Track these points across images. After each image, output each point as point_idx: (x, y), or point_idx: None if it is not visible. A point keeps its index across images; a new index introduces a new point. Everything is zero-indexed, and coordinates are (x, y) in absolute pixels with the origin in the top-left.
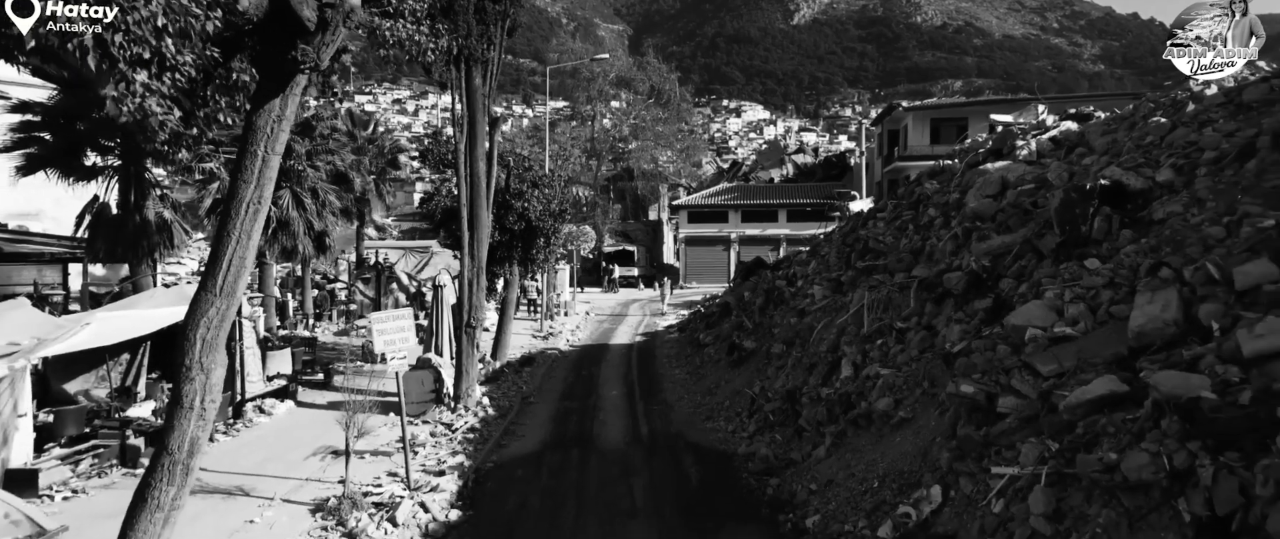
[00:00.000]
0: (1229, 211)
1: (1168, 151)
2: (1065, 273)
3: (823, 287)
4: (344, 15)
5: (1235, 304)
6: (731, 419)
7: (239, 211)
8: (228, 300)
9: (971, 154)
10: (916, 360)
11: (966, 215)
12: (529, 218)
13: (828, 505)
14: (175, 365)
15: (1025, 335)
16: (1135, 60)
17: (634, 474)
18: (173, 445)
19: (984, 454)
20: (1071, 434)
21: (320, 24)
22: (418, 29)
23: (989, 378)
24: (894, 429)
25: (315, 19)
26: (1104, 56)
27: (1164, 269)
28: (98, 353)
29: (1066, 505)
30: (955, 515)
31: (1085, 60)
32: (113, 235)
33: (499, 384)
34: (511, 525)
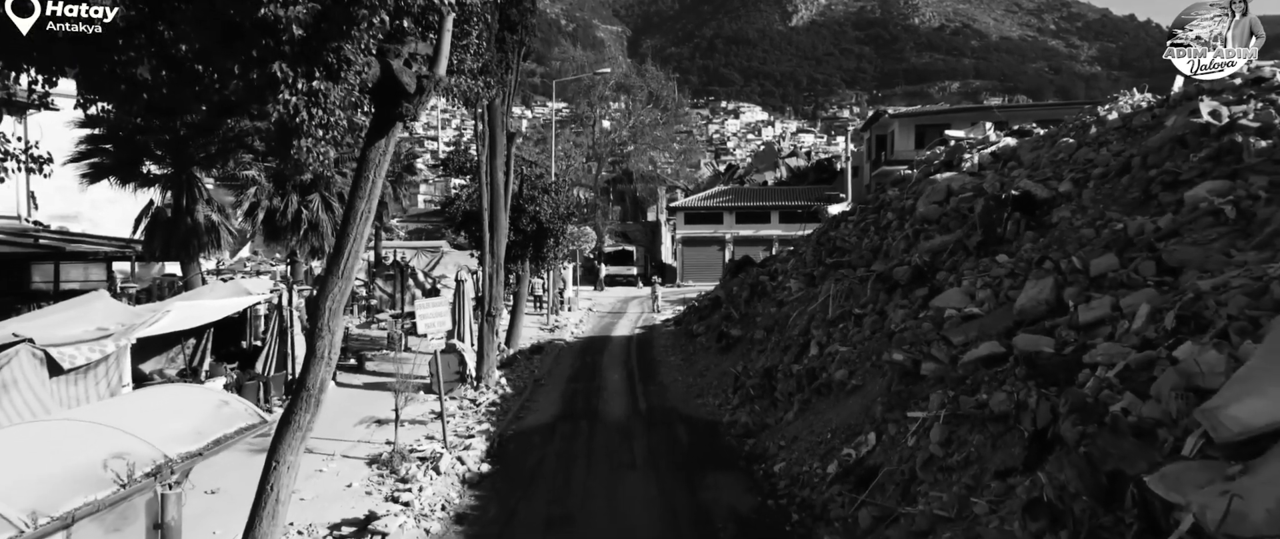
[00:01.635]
0: (1099, 217)
1: (1070, 167)
2: (980, 266)
3: (798, 280)
4: (433, 83)
5: (1089, 288)
6: (718, 396)
7: (354, 218)
8: (346, 282)
9: (927, 165)
10: (869, 339)
11: (917, 218)
12: (540, 220)
13: (792, 455)
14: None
15: (944, 314)
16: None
17: (633, 439)
18: (310, 384)
19: (907, 405)
20: (962, 385)
21: (417, 89)
22: (475, 82)
23: (916, 348)
24: (847, 394)
25: (413, 85)
26: (1101, 58)
27: (1047, 262)
28: (169, 337)
29: (955, 436)
30: (883, 451)
31: (1082, 62)
32: (167, 236)
33: (513, 368)
34: (533, 475)
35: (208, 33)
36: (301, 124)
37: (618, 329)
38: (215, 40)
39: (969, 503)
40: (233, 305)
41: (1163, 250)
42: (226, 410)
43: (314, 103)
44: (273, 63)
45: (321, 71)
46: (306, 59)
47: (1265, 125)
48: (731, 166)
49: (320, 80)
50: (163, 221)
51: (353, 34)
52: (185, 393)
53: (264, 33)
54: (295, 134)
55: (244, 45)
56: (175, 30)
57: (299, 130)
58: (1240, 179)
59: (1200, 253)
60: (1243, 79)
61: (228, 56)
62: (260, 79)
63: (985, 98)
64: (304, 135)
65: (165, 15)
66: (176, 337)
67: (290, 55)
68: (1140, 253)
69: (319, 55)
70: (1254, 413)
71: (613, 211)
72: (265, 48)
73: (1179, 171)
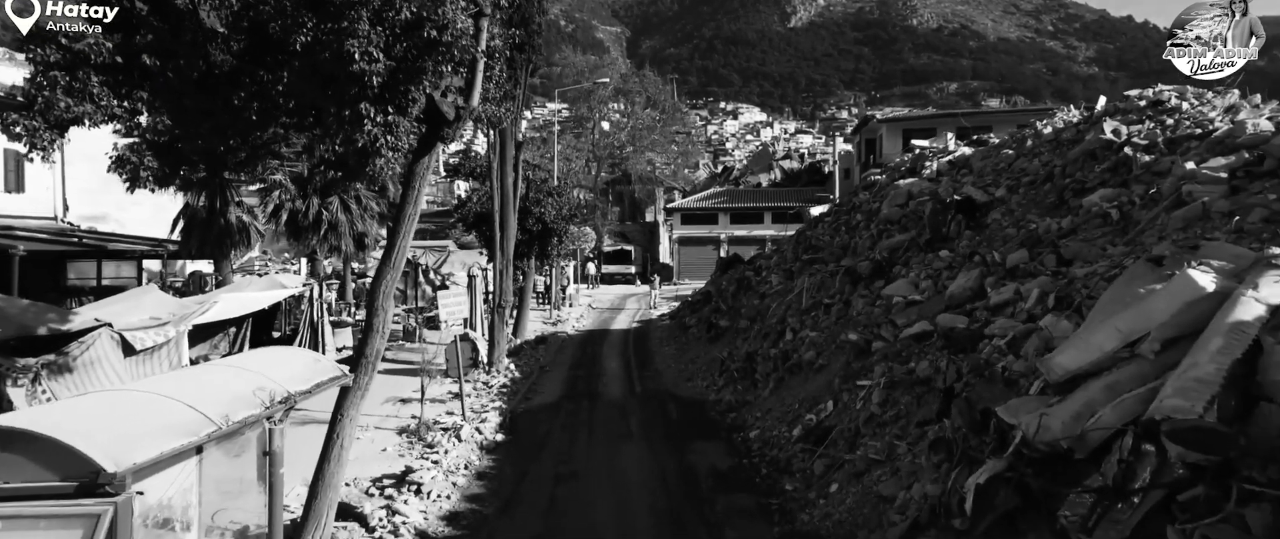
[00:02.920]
0: (1022, 219)
1: (1008, 175)
2: (926, 260)
3: (779, 275)
4: (468, 111)
5: (1005, 277)
6: (706, 378)
7: (403, 221)
8: (396, 271)
9: (894, 171)
10: (834, 325)
11: (881, 220)
12: (545, 221)
13: (765, 424)
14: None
15: (893, 301)
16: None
17: (630, 415)
18: (367, 352)
19: (858, 376)
20: (898, 357)
21: (456, 117)
22: (496, 109)
23: (868, 330)
24: (815, 372)
25: (452, 114)
26: (1098, 59)
27: (976, 256)
28: (214, 326)
29: (890, 398)
30: (837, 415)
31: (1080, 63)
32: (202, 235)
33: (520, 357)
34: (542, 443)
35: (311, 82)
36: (379, 148)
37: (616, 323)
38: (317, 87)
39: (895, 447)
40: (270, 297)
41: (1062, 246)
42: (318, 365)
43: (388, 131)
44: (360, 103)
45: (394, 109)
46: (383, 100)
47: (1151, 143)
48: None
49: (393, 115)
50: (198, 222)
51: (418, 81)
52: (289, 352)
53: (353, 82)
54: (376, 155)
55: (338, 91)
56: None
57: (377, 152)
58: (1125, 187)
59: (1088, 248)
60: (1146, 102)
61: (326, 99)
62: (351, 116)
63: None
64: (380, 156)
65: (267, 65)
66: (220, 325)
67: (372, 98)
68: (1046, 248)
69: (393, 96)
70: (1071, 359)
71: (612, 212)
72: (355, 93)
73: (1085, 181)
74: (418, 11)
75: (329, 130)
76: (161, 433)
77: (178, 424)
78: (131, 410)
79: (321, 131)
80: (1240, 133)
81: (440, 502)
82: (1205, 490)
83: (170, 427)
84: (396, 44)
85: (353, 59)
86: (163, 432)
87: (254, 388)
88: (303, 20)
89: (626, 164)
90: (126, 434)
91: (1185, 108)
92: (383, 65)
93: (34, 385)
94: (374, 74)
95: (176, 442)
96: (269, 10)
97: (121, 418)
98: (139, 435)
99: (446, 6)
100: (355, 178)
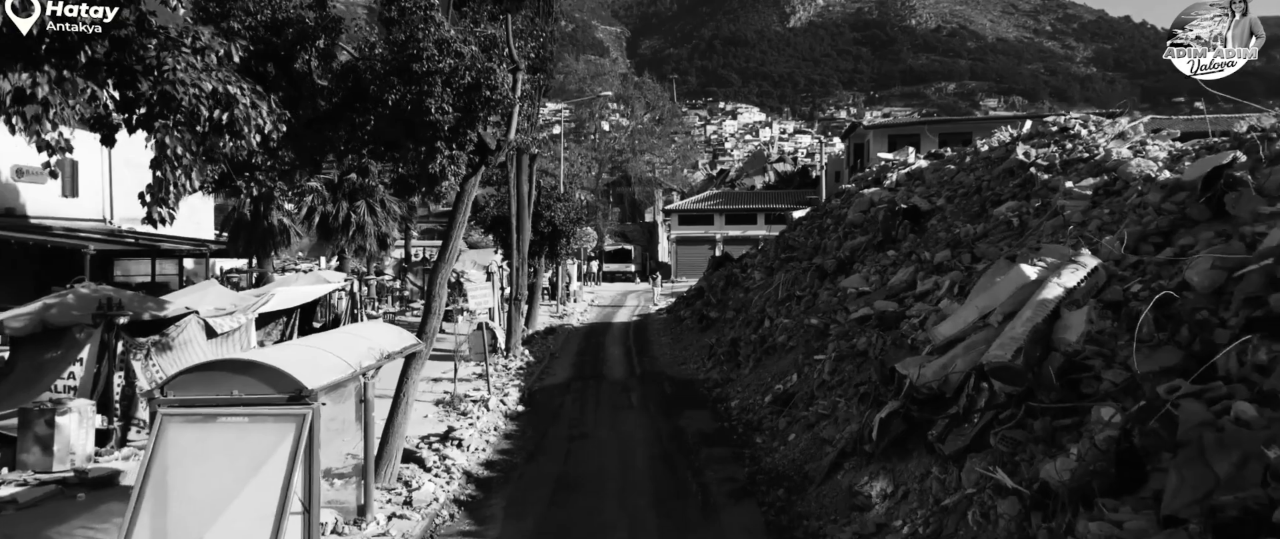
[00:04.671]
0: (951, 224)
1: (948, 187)
2: (876, 259)
3: (761, 272)
4: (508, 144)
5: (933, 272)
6: (697, 362)
7: (455, 226)
8: (449, 265)
9: (861, 181)
10: (803, 313)
11: (846, 224)
12: (555, 223)
13: (744, 395)
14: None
15: (847, 292)
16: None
17: (630, 390)
18: (428, 329)
19: (816, 352)
20: (846, 336)
21: (497, 147)
22: (525, 136)
23: (826, 316)
24: (785, 352)
25: (494, 144)
26: (1096, 59)
27: (913, 255)
28: (268, 315)
29: (839, 368)
30: (799, 384)
31: (1078, 63)
32: (247, 237)
33: (533, 344)
34: (556, 412)
35: (394, 125)
36: (445, 173)
37: (618, 317)
38: (400, 130)
39: (837, 404)
40: (319, 290)
41: (975, 247)
42: (403, 336)
43: (452, 161)
44: (435, 142)
45: (457, 145)
46: (450, 139)
47: (1050, 164)
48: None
49: (455, 150)
50: (244, 225)
51: (474, 125)
52: (380, 325)
53: (429, 128)
54: (443, 178)
55: (417, 133)
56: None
57: (444, 175)
58: (1027, 200)
59: (992, 248)
60: (1057, 128)
61: (408, 138)
62: (427, 151)
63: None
64: (445, 178)
65: (357, 111)
66: (273, 315)
67: (443, 138)
68: (964, 249)
69: (456, 136)
70: (947, 329)
71: (612, 213)
72: (430, 135)
73: (1000, 194)
74: (476, 77)
75: (407, 160)
76: (328, 369)
77: (334, 365)
78: (307, 357)
79: (401, 160)
80: (1107, 159)
81: (478, 452)
82: (1012, 410)
83: (332, 366)
84: (460, 100)
85: (430, 112)
86: (328, 369)
87: (369, 347)
88: (393, 83)
89: (626, 166)
90: (312, 369)
91: (1084, 134)
92: (452, 116)
93: (146, 359)
94: (445, 122)
95: (338, 375)
96: (369, 76)
97: (304, 361)
98: (319, 369)
99: (496, 74)
100: (429, 191)
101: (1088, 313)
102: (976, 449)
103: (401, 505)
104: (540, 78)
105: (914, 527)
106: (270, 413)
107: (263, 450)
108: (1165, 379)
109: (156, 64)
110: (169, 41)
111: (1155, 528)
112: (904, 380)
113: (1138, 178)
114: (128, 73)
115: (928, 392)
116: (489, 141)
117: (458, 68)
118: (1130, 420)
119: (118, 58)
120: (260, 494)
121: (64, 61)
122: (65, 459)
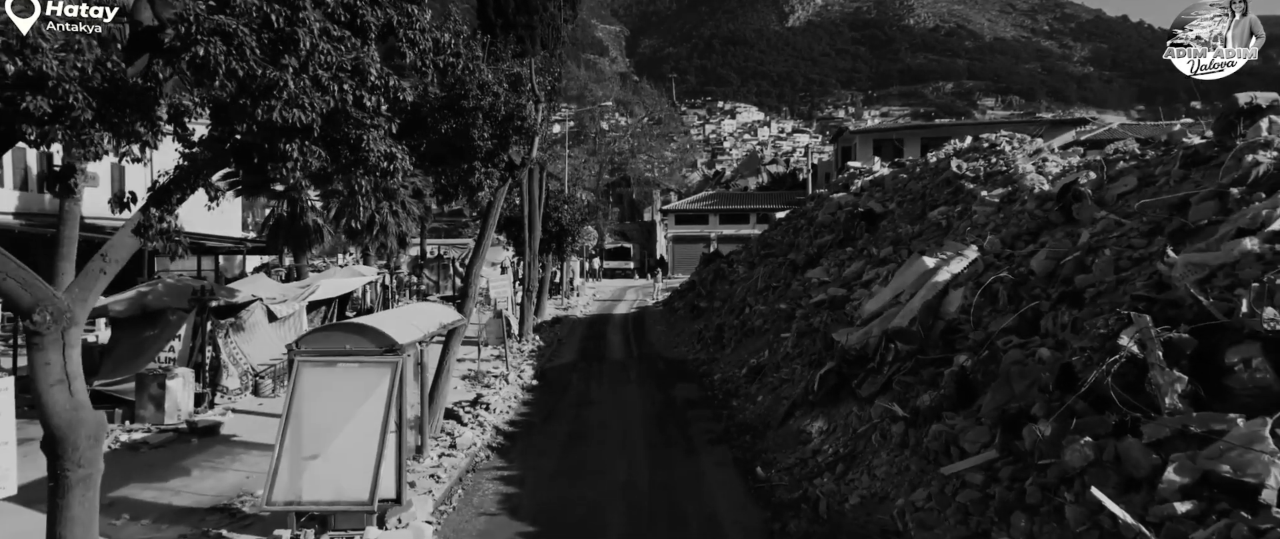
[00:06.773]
0: (897, 226)
1: (900, 194)
2: (836, 254)
3: (744, 267)
4: (531, 160)
5: (878, 265)
6: (688, 346)
7: (486, 228)
8: (483, 260)
9: (832, 186)
10: (776, 301)
11: (816, 224)
12: (562, 223)
13: (725, 370)
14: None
15: (811, 282)
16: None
17: (629, 369)
18: (465, 310)
19: (782, 331)
20: (806, 317)
21: (521, 163)
22: (542, 154)
23: (793, 302)
24: (760, 334)
25: (519, 161)
26: (1094, 59)
27: (865, 251)
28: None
29: (799, 343)
30: (769, 358)
31: (1075, 62)
32: (285, 236)
33: (542, 332)
34: (566, 386)
35: (445, 147)
36: (482, 185)
37: (618, 309)
38: (448, 150)
39: (796, 370)
40: (357, 282)
41: (912, 244)
42: (452, 312)
43: (487, 176)
44: (474, 161)
45: (491, 165)
46: (486, 159)
47: (977, 175)
48: (719, 172)
49: (493, 167)
50: (283, 224)
51: (506, 148)
52: (436, 305)
53: (472, 150)
54: (480, 190)
55: (460, 155)
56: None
57: (481, 187)
58: (954, 206)
59: (924, 245)
60: (988, 144)
61: (453, 158)
62: (468, 169)
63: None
64: (482, 190)
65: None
66: (320, 302)
67: (481, 159)
68: (904, 246)
69: (491, 157)
70: (871, 306)
71: (612, 212)
72: (471, 155)
73: (936, 200)
74: (510, 112)
75: (450, 174)
76: (411, 331)
77: (414, 330)
78: (393, 324)
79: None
80: (1014, 173)
81: (503, 415)
82: (909, 362)
83: (412, 330)
84: (497, 129)
85: (473, 139)
86: (411, 331)
87: (430, 319)
88: (446, 116)
89: (626, 168)
90: (399, 331)
91: (1007, 151)
92: (490, 142)
93: (225, 339)
94: (484, 146)
95: (419, 335)
96: (427, 109)
97: (393, 326)
98: (404, 331)
99: (527, 108)
100: (469, 199)
101: (965, 292)
102: (884, 392)
103: (448, 448)
104: (553, 103)
105: (837, 449)
106: (373, 361)
107: (368, 387)
108: (1006, 336)
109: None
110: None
111: (973, 425)
112: (838, 345)
113: (1027, 189)
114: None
115: (854, 353)
116: (516, 159)
117: (495, 104)
118: (975, 363)
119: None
120: (366, 419)
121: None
122: (173, 414)
